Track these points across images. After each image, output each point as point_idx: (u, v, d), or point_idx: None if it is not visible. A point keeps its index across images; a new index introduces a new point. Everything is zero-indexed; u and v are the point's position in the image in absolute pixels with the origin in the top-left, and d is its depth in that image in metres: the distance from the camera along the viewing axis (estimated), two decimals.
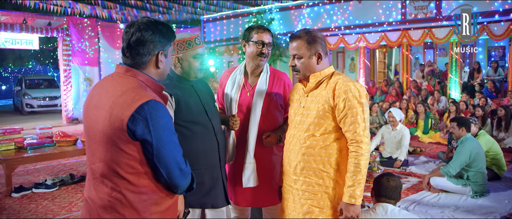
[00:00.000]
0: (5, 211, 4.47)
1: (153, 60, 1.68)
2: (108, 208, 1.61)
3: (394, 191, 2.47)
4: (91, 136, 1.65)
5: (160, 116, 1.56)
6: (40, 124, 11.38)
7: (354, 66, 15.50)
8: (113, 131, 1.55)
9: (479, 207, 4.34)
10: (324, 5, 12.24)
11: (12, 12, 11.68)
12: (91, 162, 1.66)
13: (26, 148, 5.42)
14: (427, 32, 10.61)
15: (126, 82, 1.61)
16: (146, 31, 1.64)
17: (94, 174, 1.64)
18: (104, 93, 1.62)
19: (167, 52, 1.73)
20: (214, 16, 14.83)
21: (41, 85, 16.90)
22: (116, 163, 1.58)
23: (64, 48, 12.16)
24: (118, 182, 1.59)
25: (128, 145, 1.56)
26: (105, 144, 1.58)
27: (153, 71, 1.71)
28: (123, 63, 1.69)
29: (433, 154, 7.07)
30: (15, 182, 5.48)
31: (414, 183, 5.37)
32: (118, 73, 1.67)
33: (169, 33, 1.71)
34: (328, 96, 2.11)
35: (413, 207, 4.39)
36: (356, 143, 2.06)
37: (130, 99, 1.54)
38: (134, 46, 1.64)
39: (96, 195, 1.63)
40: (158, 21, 1.71)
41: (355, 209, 2.06)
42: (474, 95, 9.92)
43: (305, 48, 2.16)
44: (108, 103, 1.58)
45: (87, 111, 1.68)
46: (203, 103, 2.35)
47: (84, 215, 1.71)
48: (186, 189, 1.74)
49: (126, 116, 1.52)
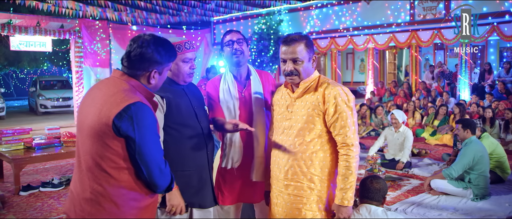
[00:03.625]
0: (12, 209, 4.63)
1: (146, 75, 1.81)
2: (90, 200, 1.71)
3: (377, 193, 2.51)
4: (81, 130, 1.78)
5: (145, 116, 1.68)
6: (53, 124, 11.64)
7: (364, 67, 15.44)
8: (100, 126, 1.67)
9: (478, 210, 4.31)
10: (333, 6, 12.24)
11: (26, 15, 11.99)
12: (79, 155, 1.78)
13: (34, 148, 5.59)
14: (436, 33, 10.52)
15: (119, 85, 1.75)
16: (146, 48, 1.76)
17: (80, 167, 1.76)
18: (98, 93, 1.76)
19: (163, 71, 1.85)
20: (224, 18, 14.95)
21: (55, 86, 17.25)
22: (100, 156, 1.69)
23: (76, 50, 12.42)
24: (100, 175, 1.70)
25: (112, 140, 1.67)
26: (91, 138, 1.70)
27: (145, 83, 1.83)
28: (120, 69, 1.83)
29: (438, 156, 7.02)
30: (25, 181, 5.66)
31: (415, 185, 5.36)
32: (113, 77, 1.81)
33: (167, 56, 1.82)
34: (318, 101, 2.15)
35: (411, 209, 4.39)
36: (346, 146, 2.11)
37: (119, 99, 1.67)
38: (133, 59, 1.78)
39: (80, 187, 1.74)
40: (161, 41, 1.82)
41: (347, 211, 2.12)
42: (484, 97, 9.80)
43: (306, 51, 2.17)
44: (100, 102, 1.71)
45: (81, 108, 1.82)
46: (193, 106, 2.42)
47: (68, 206, 1.81)
48: (165, 189, 1.83)
49: (113, 113, 1.65)
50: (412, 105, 9.32)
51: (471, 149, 4.66)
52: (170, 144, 2.31)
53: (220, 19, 15.11)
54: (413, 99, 10.13)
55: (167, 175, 1.81)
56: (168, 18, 13.50)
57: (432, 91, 10.85)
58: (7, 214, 4.43)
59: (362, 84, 15.15)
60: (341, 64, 15.62)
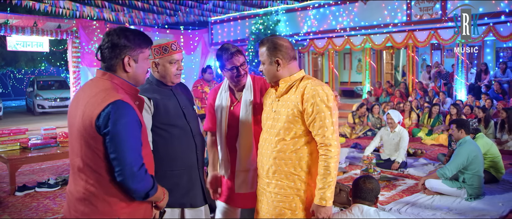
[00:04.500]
0: (7, 209, 4.63)
1: (120, 64, 1.80)
2: (83, 200, 1.73)
3: (370, 193, 2.52)
4: (70, 133, 1.79)
5: (123, 114, 1.67)
6: (50, 124, 11.62)
7: (361, 67, 15.46)
8: (84, 128, 1.68)
9: (472, 210, 4.34)
10: (330, 7, 12.26)
11: (23, 15, 11.99)
12: (71, 157, 1.79)
13: (30, 148, 5.59)
14: (433, 33, 10.56)
15: (101, 85, 1.76)
16: (113, 36, 1.78)
17: (73, 169, 1.78)
18: (82, 94, 1.77)
19: (137, 57, 1.83)
20: (221, 18, 14.95)
21: (53, 86, 17.23)
22: (89, 157, 1.70)
23: (73, 50, 12.42)
24: (92, 176, 1.71)
25: (96, 141, 1.68)
26: (79, 140, 1.71)
27: (124, 75, 1.83)
28: (100, 68, 1.83)
29: (433, 156, 7.05)
30: (21, 181, 5.66)
31: (410, 185, 5.38)
32: (96, 77, 1.82)
33: (136, 39, 1.81)
34: (297, 101, 2.16)
35: (405, 209, 4.41)
36: (325, 146, 2.11)
37: (100, 99, 1.68)
38: (104, 50, 1.79)
39: (74, 188, 1.76)
40: (129, 29, 1.84)
41: (326, 211, 2.12)
42: (480, 97, 9.83)
43: (266, 56, 2.23)
44: (83, 103, 1.72)
45: (69, 110, 1.83)
46: (181, 107, 2.43)
47: (65, 207, 1.84)
48: (143, 195, 1.75)
49: (95, 114, 1.66)
50: (408, 106, 9.35)
51: (465, 149, 4.68)
52: (159, 144, 2.33)
53: (218, 20, 15.11)
54: (409, 99, 10.15)
55: (143, 180, 1.73)
56: (166, 19, 13.50)
57: (429, 91, 10.87)
58: (2, 215, 4.43)
59: (359, 84, 15.18)
60: (338, 64, 15.64)
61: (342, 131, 9.46)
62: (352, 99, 14.14)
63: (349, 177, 5.76)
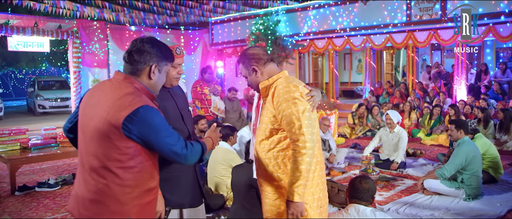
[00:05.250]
0: (7, 209, 4.66)
1: (146, 70, 1.89)
2: (94, 200, 1.77)
3: (366, 193, 2.54)
4: (84, 132, 1.83)
5: (154, 117, 1.77)
6: (51, 124, 11.65)
7: (361, 67, 15.48)
8: (108, 128, 1.73)
9: (470, 210, 4.35)
10: (330, 7, 12.27)
11: (24, 15, 12.02)
12: (82, 156, 1.84)
13: (30, 148, 5.61)
14: (433, 33, 10.57)
15: (124, 88, 1.82)
16: (146, 44, 1.89)
17: (83, 167, 1.82)
18: (103, 95, 1.82)
19: (162, 68, 1.94)
20: (221, 18, 14.97)
21: (53, 86, 17.26)
22: (107, 157, 1.75)
23: (74, 50, 12.44)
24: (106, 175, 1.76)
25: (121, 141, 1.74)
26: (98, 139, 1.76)
27: (146, 81, 1.91)
28: (121, 71, 1.92)
29: (433, 157, 7.06)
30: (21, 181, 5.68)
31: (409, 185, 5.39)
32: (117, 79, 1.88)
33: (166, 52, 1.95)
34: (269, 102, 2.24)
35: (404, 209, 4.42)
36: (293, 142, 2.12)
37: (127, 103, 1.74)
38: (134, 53, 1.88)
39: (84, 187, 1.80)
40: (161, 42, 1.98)
41: (296, 206, 2.11)
42: (480, 97, 9.84)
43: (244, 68, 2.36)
44: (106, 104, 1.77)
45: (84, 109, 1.87)
46: (179, 109, 2.45)
47: (71, 205, 1.87)
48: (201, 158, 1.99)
49: (123, 115, 1.72)
50: (408, 106, 9.35)
51: (464, 149, 4.69)
52: None
53: (218, 20, 15.13)
54: (408, 99, 10.16)
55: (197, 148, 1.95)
56: (166, 19, 13.51)
57: (430, 91, 10.88)
58: (2, 214, 4.46)
59: (359, 84, 15.19)
60: (339, 64, 15.64)
61: (342, 131, 9.47)
62: (352, 100, 14.16)
63: (348, 177, 5.77)
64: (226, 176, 4.39)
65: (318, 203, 2.25)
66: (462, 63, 10.42)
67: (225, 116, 7.55)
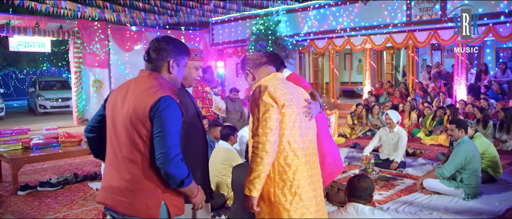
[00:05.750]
0: (10, 208, 4.69)
1: (166, 65, 2.06)
2: (131, 187, 1.91)
3: (364, 191, 2.57)
4: (114, 126, 1.98)
5: (174, 109, 1.91)
6: (52, 124, 11.70)
7: (362, 67, 15.51)
8: (137, 115, 1.89)
9: (469, 209, 4.38)
10: (330, 7, 12.30)
11: (25, 16, 12.06)
12: (114, 147, 1.98)
13: (32, 148, 5.65)
14: (433, 33, 10.59)
15: (149, 82, 2.00)
16: (162, 42, 2.06)
17: (116, 157, 1.96)
18: (130, 91, 1.98)
19: (179, 62, 2.11)
20: (222, 18, 15.00)
21: (54, 86, 17.31)
22: (138, 145, 1.90)
23: (75, 50, 12.48)
24: (140, 163, 1.90)
25: (147, 128, 1.89)
26: (129, 128, 1.91)
27: (167, 75, 2.08)
28: (145, 69, 2.10)
29: (432, 156, 7.09)
30: (23, 181, 5.72)
31: (409, 184, 5.42)
32: (142, 76, 2.06)
33: (181, 47, 2.11)
34: None
35: (403, 208, 4.45)
36: (254, 140, 2.21)
37: (152, 93, 1.92)
38: (151, 52, 2.06)
39: (119, 177, 1.94)
40: (175, 38, 2.14)
41: (248, 200, 2.24)
42: (480, 97, 9.86)
43: (242, 72, 2.55)
44: (133, 96, 1.94)
45: (113, 104, 2.02)
46: (195, 106, 2.60)
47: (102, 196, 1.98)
48: (179, 182, 1.90)
49: (149, 103, 1.88)
50: (408, 106, 9.38)
51: (463, 149, 4.72)
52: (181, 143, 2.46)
53: (218, 20, 15.16)
54: (408, 99, 10.19)
55: (179, 166, 1.88)
56: (167, 19, 13.54)
57: (430, 92, 10.90)
58: (5, 214, 4.49)
59: (360, 84, 15.22)
60: (339, 64, 15.67)
61: (342, 131, 9.50)
62: (353, 100, 14.19)
63: (348, 177, 5.80)
64: (227, 176, 4.43)
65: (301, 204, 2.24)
66: (462, 63, 10.44)
67: (227, 116, 7.59)
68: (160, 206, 1.91)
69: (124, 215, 1.91)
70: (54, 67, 24.99)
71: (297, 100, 2.31)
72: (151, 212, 1.89)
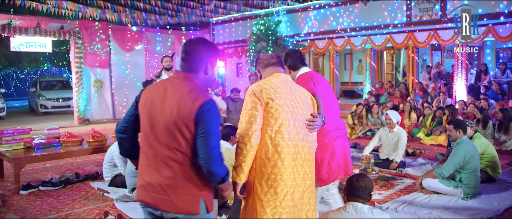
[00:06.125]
0: (12, 207, 4.73)
1: (203, 67, 2.14)
2: (172, 184, 2.00)
3: (363, 191, 2.61)
4: (155, 125, 2.04)
5: (214, 111, 2.02)
6: (53, 124, 11.73)
7: (362, 68, 15.54)
8: (181, 117, 1.97)
9: (467, 209, 4.41)
10: (330, 8, 12.33)
11: (26, 16, 12.09)
12: (153, 147, 2.04)
13: (34, 147, 5.69)
14: (433, 34, 10.62)
15: (187, 84, 2.07)
16: (200, 44, 2.14)
17: (156, 158, 2.04)
18: (169, 92, 2.05)
19: (213, 65, 2.20)
20: (223, 19, 15.03)
21: (55, 86, 17.35)
22: (181, 144, 1.99)
23: (76, 50, 12.52)
24: (181, 161, 2.00)
25: (192, 130, 1.98)
26: (173, 130, 1.99)
27: (203, 76, 2.16)
28: (180, 70, 2.16)
29: (432, 156, 7.12)
30: (24, 180, 5.76)
31: (408, 184, 5.46)
32: (178, 78, 2.12)
33: (215, 49, 2.21)
34: None
35: (402, 208, 4.48)
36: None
37: (195, 96, 2.00)
38: (190, 53, 2.13)
39: (158, 175, 2.02)
40: (210, 41, 2.25)
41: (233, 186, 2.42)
42: (479, 98, 9.89)
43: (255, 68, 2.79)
44: (175, 98, 2.01)
45: (150, 105, 2.07)
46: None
47: (143, 195, 2.07)
48: (220, 179, 2.04)
49: (194, 108, 1.97)
50: (408, 106, 9.41)
51: (462, 149, 4.75)
52: None
53: (219, 20, 15.19)
54: (408, 99, 10.21)
55: (221, 165, 2.02)
56: (167, 19, 13.58)
57: (431, 92, 10.93)
58: (8, 213, 4.53)
59: (360, 84, 15.25)
60: (339, 64, 15.70)
61: None
62: (353, 100, 14.21)
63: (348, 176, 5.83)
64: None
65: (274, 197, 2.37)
66: (462, 64, 10.47)
67: (228, 116, 7.62)
68: (200, 202, 2.03)
69: (166, 212, 2.01)
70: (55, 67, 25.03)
71: (287, 100, 2.42)
72: (192, 209, 2.00)
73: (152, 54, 14.29)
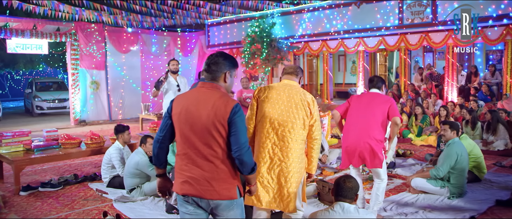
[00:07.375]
0: (13, 208, 4.86)
1: (222, 76, 2.52)
2: (214, 177, 2.39)
3: (350, 191, 2.78)
4: (195, 129, 2.40)
5: (241, 112, 2.43)
6: (49, 125, 11.84)
7: (355, 69, 15.74)
8: (217, 119, 2.35)
9: (452, 208, 4.60)
10: (324, 10, 12.51)
11: (23, 18, 12.16)
12: (195, 147, 2.41)
13: (33, 149, 5.81)
14: (424, 36, 10.84)
15: (217, 92, 2.47)
16: (219, 57, 2.52)
17: (198, 155, 2.41)
18: (202, 99, 2.43)
19: (231, 74, 2.57)
20: (218, 21, 15.18)
21: (51, 88, 17.38)
22: (218, 142, 2.37)
23: (72, 52, 12.61)
24: (220, 157, 2.39)
25: (226, 129, 2.36)
26: (212, 130, 2.36)
27: (223, 85, 2.54)
28: (205, 80, 2.53)
29: (422, 157, 7.31)
30: (24, 181, 5.88)
31: (398, 184, 5.64)
32: (206, 87, 2.49)
33: (234, 62, 2.58)
34: None
35: (390, 207, 4.66)
36: None
37: (226, 101, 2.40)
38: (212, 65, 2.51)
39: (200, 170, 2.40)
40: (228, 54, 2.61)
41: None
42: (469, 99, 10.11)
43: None
44: (210, 104, 2.39)
45: (186, 112, 2.43)
46: None
47: (187, 188, 2.43)
48: (250, 169, 2.43)
49: (228, 111, 2.36)
50: (399, 107, 9.60)
51: (455, 149, 4.91)
52: None
53: (214, 22, 15.34)
54: (400, 101, 10.42)
55: (251, 157, 2.42)
56: (163, 21, 13.70)
57: (422, 93, 11.14)
58: (9, 213, 4.66)
59: (353, 85, 15.45)
60: (333, 66, 15.90)
61: (335, 132, 9.71)
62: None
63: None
64: None
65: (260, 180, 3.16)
66: (452, 66, 10.69)
67: None
68: (236, 189, 2.43)
69: (211, 200, 2.39)
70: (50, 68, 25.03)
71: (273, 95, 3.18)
72: (231, 194, 2.41)
73: (148, 55, 14.41)
